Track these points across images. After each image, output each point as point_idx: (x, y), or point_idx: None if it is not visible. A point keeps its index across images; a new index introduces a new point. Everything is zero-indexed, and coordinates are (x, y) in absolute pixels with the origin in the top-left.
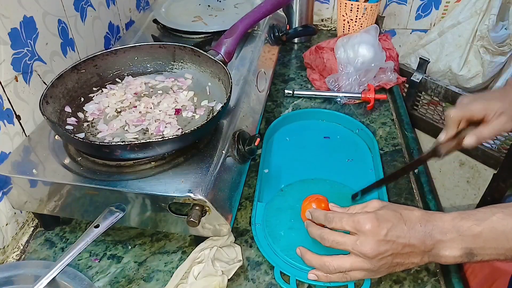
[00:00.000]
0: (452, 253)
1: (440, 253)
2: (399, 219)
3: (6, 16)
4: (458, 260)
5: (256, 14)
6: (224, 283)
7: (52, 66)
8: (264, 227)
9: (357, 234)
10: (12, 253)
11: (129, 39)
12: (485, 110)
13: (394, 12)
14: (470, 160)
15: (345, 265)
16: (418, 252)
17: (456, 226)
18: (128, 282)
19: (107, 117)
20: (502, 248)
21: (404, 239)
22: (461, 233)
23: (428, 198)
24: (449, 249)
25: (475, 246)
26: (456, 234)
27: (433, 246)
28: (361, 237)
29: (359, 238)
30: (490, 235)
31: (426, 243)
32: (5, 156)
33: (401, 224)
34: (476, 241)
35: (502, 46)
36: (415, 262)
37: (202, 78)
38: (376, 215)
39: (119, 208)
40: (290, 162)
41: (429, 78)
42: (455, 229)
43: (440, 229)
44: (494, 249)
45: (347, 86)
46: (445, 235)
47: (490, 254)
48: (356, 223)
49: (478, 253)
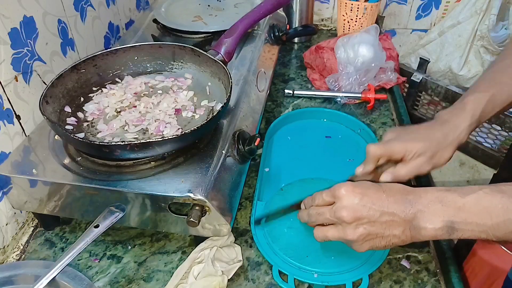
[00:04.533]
0: (433, 225)
1: (421, 225)
2: (377, 188)
3: (6, 16)
4: (438, 233)
5: (256, 14)
6: (224, 283)
7: (52, 66)
8: (263, 226)
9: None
10: (12, 253)
11: (129, 39)
12: (404, 151)
13: (394, 12)
14: (470, 160)
15: (327, 234)
16: (398, 221)
17: (440, 197)
18: (128, 282)
19: (107, 117)
20: (484, 224)
21: (382, 205)
22: (444, 203)
23: None
24: (430, 220)
25: (457, 220)
26: (439, 205)
27: (414, 216)
28: (338, 203)
29: (336, 204)
30: (473, 209)
31: (407, 212)
32: (5, 156)
33: (379, 192)
34: (459, 214)
35: (502, 46)
36: (396, 234)
37: (202, 78)
38: (353, 183)
39: (119, 208)
40: (291, 161)
41: (429, 78)
42: (438, 199)
43: (423, 199)
44: (476, 225)
45: (347, 86)
46: (427, 206)
47: (471, 230)
48: (332, 190)
49: (459, 228)
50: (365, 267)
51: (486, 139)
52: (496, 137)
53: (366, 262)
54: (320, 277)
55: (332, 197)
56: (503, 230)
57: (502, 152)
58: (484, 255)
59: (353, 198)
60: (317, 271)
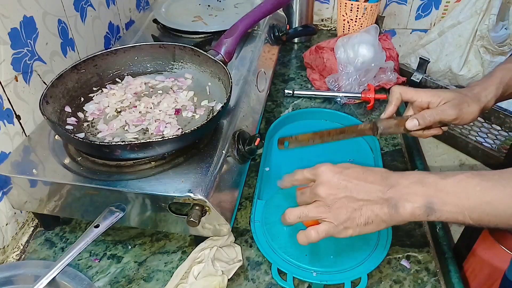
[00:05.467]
0: (412, 204)
1: (399, 203)
2: (358, 168)
3: (6, 16)
4: (416, 212)
5: (256, 14)
6: (224, 283)
7: (52, 66)
8: (263, 225)
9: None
10: (12, 253)
11: (129, 39)
12: (430, 97)
13: (394, 12)
14: (470, 160)
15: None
16: (375, 200)
17: (421, 178)
18: (128, 282)
19: (107, 117)
20: (461, 206)
21: (359, 183)
22: (425, 184)
23: None
24: (410, 199)
25: (436, 201)
26: (419, 185)
27: (393, 195)
28: (317, 180)
29: (316, 182)
30: (453, 189)
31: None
32: (5, 156)
33: (358, 172)
34: (438, 194)
35: (502, 46)
36: (374, 211)
37: (202, 78)
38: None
39: (119, 208)
40: (291, 161)
41: (429, 78)
42: (419, 180)
43: (403, 179)
44: (454, 206)
45: (347, 86)
46: (407, 186)
47: (449, 212)
48: (313, 168)
49: (437, 208)
50: (363, 266)
51: (486, 139)
52: (496, 137)
53: (365, 261)
54: (319, 276)
55: (313, 175)
56: (479, 212)
57: (502, 152)
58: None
59: (331, 175)
60: (316, 269)
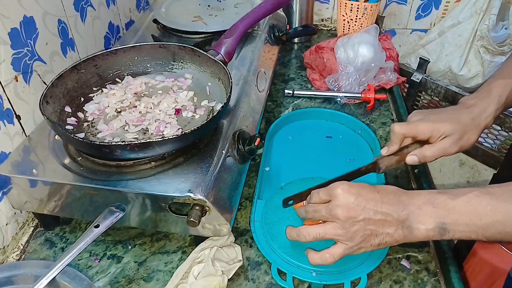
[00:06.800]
0: (425, 226)
1: (414, 225)
2: (372, 188)
3: (6, 16)
4: (430, 234)
5: (256, 14)
6: (224, 283)
7: (52, 66)
8: (263, 224)
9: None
10: (12, 253)
11: (129, 39)
12: (431, 131)
13: (394, 12)
14: (470, 160)
15: (319, 230)
16: (391, 221)
17: (432, 199)
18: (128, 282)
19: (107, 117)
20: (473, 225)
21: (376, 205)
22: (436, 205)
23: None
24: (422, 221)
25: (448, 221)
26: (430, 206)
27: (407, 217)
28: (334, 201)
29: (332, 203)
30: (464, 210)
31: (399, 212)
32: (5, 156)
33: (373, 192)
34: (450, 215)
35: (502, 46)
36: (389, 232)
37: (202, 78)
38: (349, 183)
39: (119, 208)
40: (291, 161)
41: (429, 78)
42: (430, 201)
43: (415, 200)
44: (466, 225)
45: (347, 86)
46: (419, 207)
47: (462, 231)
48: (329, 189)
49: (450, 229)
50: (363, 267)
51: (486, 139)
52: (496, 137)
53: (365, 262)
54: (318, 276)
55: (329, 196)
56: (492, 231)
57: (502, 152)
58: (484, 255)
59: (349, 197)
60: (316, 269)
